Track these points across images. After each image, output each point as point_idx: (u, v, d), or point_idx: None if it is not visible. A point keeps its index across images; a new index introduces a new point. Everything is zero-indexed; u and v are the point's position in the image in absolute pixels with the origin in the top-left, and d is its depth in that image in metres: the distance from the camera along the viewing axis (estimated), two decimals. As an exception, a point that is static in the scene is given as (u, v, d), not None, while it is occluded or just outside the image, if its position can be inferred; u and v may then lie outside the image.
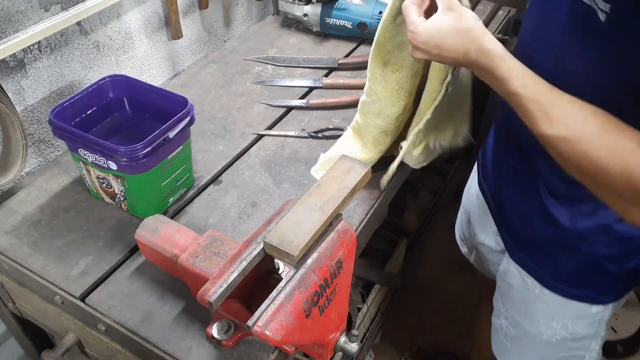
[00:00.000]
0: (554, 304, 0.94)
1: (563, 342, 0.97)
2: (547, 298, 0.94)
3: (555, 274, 0.92)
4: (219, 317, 0.81)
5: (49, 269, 0.91)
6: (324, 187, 0.78)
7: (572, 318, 0.94)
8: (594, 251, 0.86)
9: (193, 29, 1.51)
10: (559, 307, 0.94)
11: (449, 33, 0.72)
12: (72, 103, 0.98)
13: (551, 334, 0.97)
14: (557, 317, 0.95)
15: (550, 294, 0.93)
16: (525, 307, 0.99)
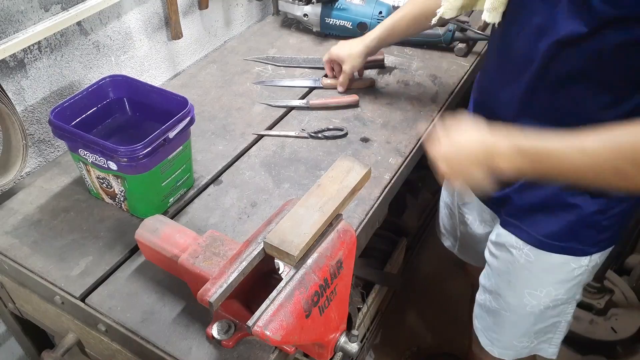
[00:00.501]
0: (539, 270, 0.97)
1: (544, 312, 1.01)
2: (533, 265, 0.97)
3: (544, 232, 0.94)
4: (219, 317, 0.81)
5: (49, 269, 0.91)
6: (324, 187, 0.78)
7: (556, 283, 0.97)
8: (583, 207, 0.89)
9: (193, 29, 1.51)
10: (544, 273, 0.97)
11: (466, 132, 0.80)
12: (72, 103, 0.98)
13: (535, 303, 1.00)
14: (541, 285, 0.98)
15: (536, 259, 0.96)
16: (509, 279, 1.02)
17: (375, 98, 1.33)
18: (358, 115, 1.27)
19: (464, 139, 0.79)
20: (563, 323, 1.06)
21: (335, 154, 1.16)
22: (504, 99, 0.91)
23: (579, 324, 1.83)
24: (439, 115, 1.28)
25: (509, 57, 0.88)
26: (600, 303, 1.83)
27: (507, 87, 0.89)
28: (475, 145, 0.78)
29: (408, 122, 1.25)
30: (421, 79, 1.40)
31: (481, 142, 0.78)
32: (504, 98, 0.91)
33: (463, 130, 0.80)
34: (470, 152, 0.77)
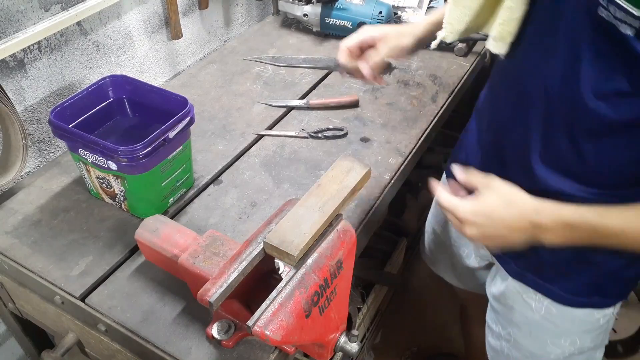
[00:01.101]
0: (562, 321, 0.91)
1: (570, 357, 0.95)
2: (555, 317, 0.91)
3: (567, 288, 0.89)
4: (219, 317, 0.81)
5: (49, 269, 0.91)
6: (324, 187, 0.78)
7: (581, 333, 0.92)
8: (609, 262, 0.84)
9: (193, 29, 1.51)
10: (567, 324, 0.92)
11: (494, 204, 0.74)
12: (72, 103, 0.98)
13: (559, 352, 0.95)
14: (565, 335, 0.93)
15: (558, 312, 0.90)
16: (529, 330, 0.96)
17: (375, 98, 1.33)
18: (358, 115, 1.27)
19: (502, 209, 0.73)
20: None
21: (335, 154, 1.16)
22: (516, 139, 0.82)
23: (579, 324, 1.82)
24: (439, 116, 1.28)
25: (521, 95, 0.78)
26: (601, 303, 1.83)
27: (520, 127, 0.80)
28: (517, 218, 0.72)
29: (408, 122, 1.25)
30: (421, 79, 1.40)
31: (523, 215, 0.72)
32: (516, 138, 0.82)
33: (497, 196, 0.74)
34: (511, 225, 0.72)
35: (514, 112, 0.81)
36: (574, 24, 0.66)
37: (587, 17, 0.63)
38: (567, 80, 0.69)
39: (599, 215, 0.69)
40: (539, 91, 0.74)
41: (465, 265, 1.15)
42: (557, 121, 0.73)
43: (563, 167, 0.76)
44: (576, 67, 0.67)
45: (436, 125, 1.27)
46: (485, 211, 0.74)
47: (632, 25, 0.56)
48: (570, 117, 0.71)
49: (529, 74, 0.76)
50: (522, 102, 0.78)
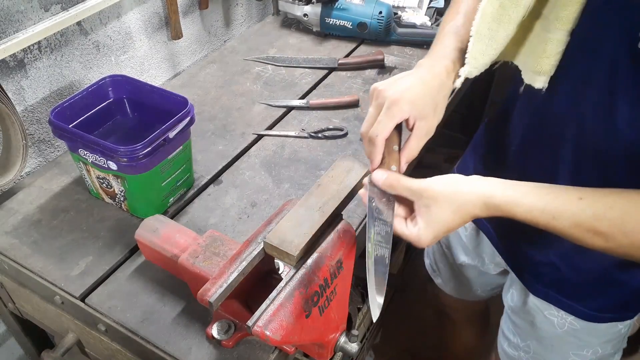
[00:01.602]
0: (585, 335, 0.91)
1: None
2: (578, 332, 0.90)
3: (592, 307, 0.87)
4: (219, 317, 0.81)
5: (49, 269, 0.91)
6: (324, 187, 0.78)
7: (603, 343, 0.92)
8: (634, 279, 0.83)
9: (193, 29, 1.51)
10: (590, 336, 0.91)
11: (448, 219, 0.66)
12: (72, 103, 0.98)
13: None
14: (587, 347, 0.92)
15: (582, 328, 0.90)
16: (551, 344, 0.95)
17: (375, 98, 1.33)
18: (358, 115, 1.27)
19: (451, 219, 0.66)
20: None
21: (335, 154, 1.16)
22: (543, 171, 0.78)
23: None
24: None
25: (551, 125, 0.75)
26: (600, 303, 1.83)
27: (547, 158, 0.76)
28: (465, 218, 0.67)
29: (408, 122, 1.25)
30: (421, 79, 1.40)
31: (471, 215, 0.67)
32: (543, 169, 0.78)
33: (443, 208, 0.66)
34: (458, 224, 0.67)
35: (541, 143, 0.78)
36: (612, 56, 0.64)
37: (626, 49, 0.61)
38: (601, 111, 0.67)
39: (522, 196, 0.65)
40: (570, 124, 0.71)
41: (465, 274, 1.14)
42: (589, 152, 0.71)
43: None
44: (612, 98, 0.65)
45: (436, 125, 1.27)
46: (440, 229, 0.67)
47: None
48: (602, 148, 0.69)
49: (560, 105, 0.73)
50: (552, 133, 0.75)
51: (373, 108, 0.70)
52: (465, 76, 0.74)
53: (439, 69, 0.72)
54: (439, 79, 0.72)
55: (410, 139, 0.72)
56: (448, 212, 0.66)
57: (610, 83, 0.65)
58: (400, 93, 0.68)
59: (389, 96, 0.68)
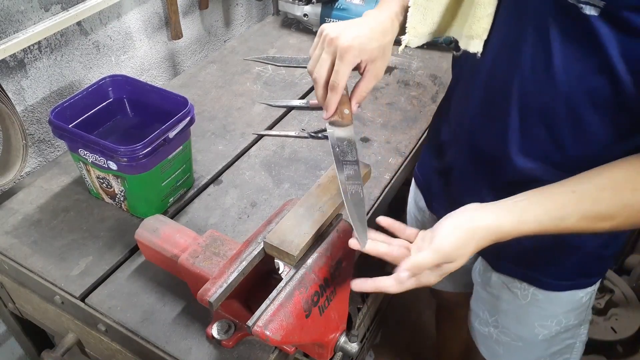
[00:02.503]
0: (548, 305, 0.94)
1: (556, 336, 0.99)
2: (540, 302, 0.93)
3: (550, 274, 0.91)
4: (219, 317, 0.81)
5: (49, 269, 0.91)
6: (324, 187, 0.78)
7: (566, 312, 0.95)
8: (589, 244, 0.87)
9: (193, 29, 1.51)
10: (553, 306, 0.94)
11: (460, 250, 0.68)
12: (72, 103, 0.98)
13: (546, 332, 0.98)
14: (551, 317, 0.96)
15: (544, 297, 0.93)
16: (516, 315, 0.98)
17: (375, 98, 1.33)
18: (358, 115, 1.27)
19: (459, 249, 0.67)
20: (578, 344, 1.03)
21: (335, 154, 1.15)
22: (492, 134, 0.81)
23: (579, 324, 1.83)
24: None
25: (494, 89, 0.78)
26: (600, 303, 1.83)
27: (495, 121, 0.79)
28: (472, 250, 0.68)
29: (408, 122, 1.25)
30: (421, 79, 1.40)
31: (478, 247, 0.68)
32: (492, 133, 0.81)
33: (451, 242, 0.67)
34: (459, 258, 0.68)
35: (488, 107, 0.80)
36: (540, 11, 0.67)
37: (552, 3, 0.64)
38: (539, 68, 0.69)
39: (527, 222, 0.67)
40: (512, 83, 0.73)
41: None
42: (534, 111, 0.73)
43: (542, 155, 0.76)
44: (547, 54, 0.67)
45: (436, 125, 1.27)
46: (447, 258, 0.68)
47: (596, 5, 0.59)
48: (545, 104, 0.71)
49: (499, 68, 0.75)
50: (495, 96, 0.78)
51: (325, 53, 0.73)
52: (405, 44, 0.80)
53: (383, 17, 0.76)
54: (383, 25, 0.76)
55: (361, 82, 0.76)
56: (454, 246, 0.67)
57: (542, 39, 0.67)
58: (351, 40, 0.71)
59: (341, 44, 0.71)
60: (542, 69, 0.69)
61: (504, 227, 0.67)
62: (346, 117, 0.77)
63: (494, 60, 0.76)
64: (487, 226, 0.67)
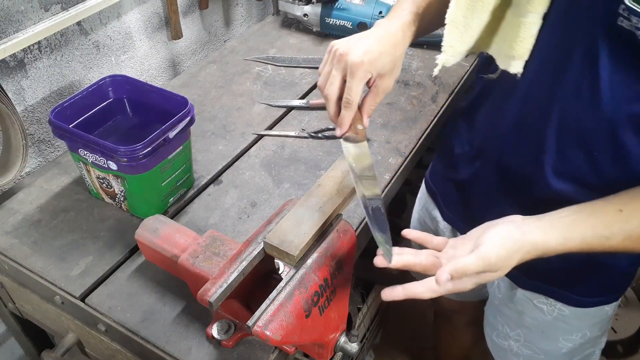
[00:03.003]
0: (574, 320, 0.93)
1: (579, 348, 0.98)
2: (567, 317, 0.93)
3: (579, 292, 0.89)
4: (219, 317, 0.81)
5: (49, 269, 0.91)
6: (324, 187, 0.78)
7: (591, 326, 0.95)
8: (622, 262, 0.86)
9: (193, 29, 1.51)
10: (579, 321, 0.94)
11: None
12: (72, 103, 0.98)
13: (570, 346, 0.97)
14: (577, 330, 0.95)
15: (571, 313, 0.92)
16: (541, 330, 0.97)
17: (375, 98, 1.33)
18: (358, 115, 1.27)
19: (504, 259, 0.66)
20: (597, 352, 1.03)
21: (335, 154, 1.16)
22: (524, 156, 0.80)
23: (579, 324, 1.82)
24: (439, 116, 1.28)
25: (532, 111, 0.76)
26: (601, 303, 1.83)
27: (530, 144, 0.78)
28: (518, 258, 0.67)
29: (408, 122, 1.25)
30: (421, 79, 1.40)
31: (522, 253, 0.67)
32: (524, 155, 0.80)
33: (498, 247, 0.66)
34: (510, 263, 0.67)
35: (522, 127, 0.79)
36: (591, 33, 0.65)
37: (604, 28, 0.63)
38: (584, 93, 0.68)
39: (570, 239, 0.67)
40: (552, 105, 0.72)
41: None
42: (573, 134, 0.72)
43: (577, 177, 0.75)
44: (593, 76, 0.66)
45: (436, 125, 1.27)
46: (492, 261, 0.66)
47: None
48: (585, 126, 0.70)
49: (539, 89, 0.74)
50: (532, 116, 0.76)
51: (335, 70, 0.71)
52: (442, 64, 0.76)
53: (394, 28, 0.74)
54: (394, 37, 0.74)
55: (368, 96, 0.74)
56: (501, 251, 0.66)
57: (590, 62, 0.66)
58: (362, 56, 0.69)
59: (351, 60, 0.69)
60: (588, 94, 0.68)
61: (550, 244, 0.66)
62: (360, 132, 0.74)
63: (533, 80, 0.74)
64: (534, 241, 0.66)
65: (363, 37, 0.72)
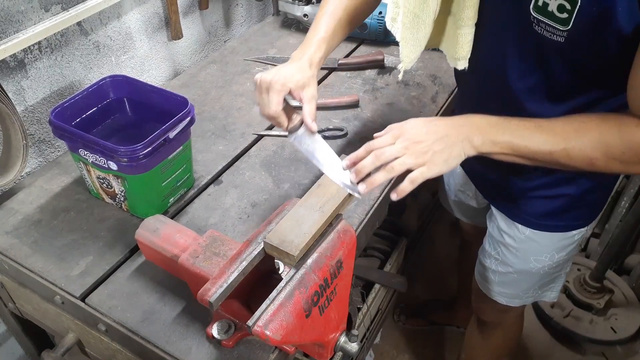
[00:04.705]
0: (542, 241, 1.06)
1: (548, 271, 1.11)
2: (538, 237, 1.05)
3: (543, 215, 1.02)
4: (219, 317, 0.81)
5: (49, 269, 0.91)
6: (324, 187, 0.78)
7: (558, 249, 1.07)
8: (578, 189, 0.97)
9: (193, 29, 1.51)
10: (546, 243, 1.06)
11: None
12: (72, 103, 0.98)
13: (540, 266, 1.10)
14: (545, 252, 1.07)
15: (537, 236, 1.05)
16: (515, 249, 1.10)
17: (375, 98, 1.33)
18: (358, 115, 1.27)
19: (426, 122, 0.78)
20: (563, 275, 1.17)
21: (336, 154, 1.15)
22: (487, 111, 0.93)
23: (579, 324, 1.83)
24: (439, 116, 1.29)
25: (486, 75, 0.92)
26: (600, 303, 1.83)
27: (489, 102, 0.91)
28: (447, 124, 0.78)
29: (408, 122, 1.25)
30: (421, 79, 1.40)
31: (450, 119, 0.79)
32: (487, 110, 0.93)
33: (418, 123, 0.78)
34: (445, 131, 0.77)
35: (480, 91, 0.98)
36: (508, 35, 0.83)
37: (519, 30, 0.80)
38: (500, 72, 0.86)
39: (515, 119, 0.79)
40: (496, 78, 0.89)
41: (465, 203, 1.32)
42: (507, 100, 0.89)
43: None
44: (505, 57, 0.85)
45: (436, 125, 1.27)
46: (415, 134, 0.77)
47: (561, 35, 0.73)
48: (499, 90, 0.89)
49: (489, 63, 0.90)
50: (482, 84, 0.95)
51: (265, 94, 0.86)
52: (403, 70, 0.94)
53: (302, 62, 0.89)
54: (303, 64, 0.89)
55: (303, 105, 0.87)
56: (419, 120, 0.79)
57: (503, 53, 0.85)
58: (275, 75, 0.86)
59: (268, 80, 0.85)
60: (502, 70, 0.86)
61: (491, 119, 0.78)
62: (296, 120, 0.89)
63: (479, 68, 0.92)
64: (473, 119, 0.79)
65: (279, 67, 0.88)
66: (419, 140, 0.75)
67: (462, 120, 0.78)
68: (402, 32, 0.90)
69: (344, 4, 0.95)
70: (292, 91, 0.86)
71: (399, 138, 0.76)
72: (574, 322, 1.83)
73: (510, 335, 1.44)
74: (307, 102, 0.87)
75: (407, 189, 0.78)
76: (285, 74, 0.86)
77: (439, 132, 0.76)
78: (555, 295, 1.21)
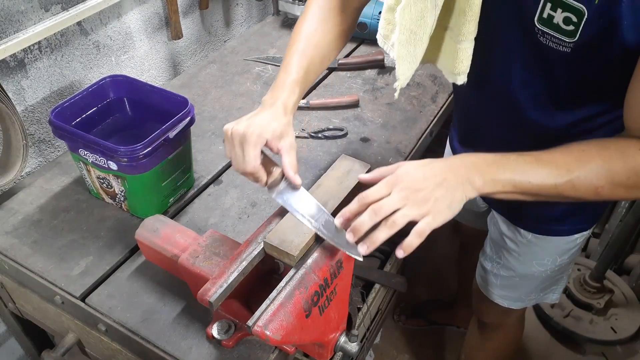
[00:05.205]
0: (546, 244, 1.04)
1: (550, 274, 1.10)
2: (540, 241, 1.04)
3: (545, 220, 1.01)
4: (219, 317, 0.81)
5: (49, 269, 0.91)
6: (324, 187, 0.78)
7: (561, 252, 1.05)
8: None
9: (193, 29, 1.51)
10: (551, 245, 1.04)
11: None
12: (72, 103, 0.98)
13: (542, 270, 1.08)
14: (547, 256, 1.06)
15: (539, 241, 1.03)
16: (518, 253, 1.08)
17: (375, 98, 1.33)
18: (358, 115, 1.27)
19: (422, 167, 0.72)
20: (565, 277, 1.15)
21: (335, 154, 1.16)
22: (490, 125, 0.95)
23: (579, 324, 1.83)
24: (439, 116, 1.29)
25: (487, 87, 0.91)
26: (600, 303, 1.83)
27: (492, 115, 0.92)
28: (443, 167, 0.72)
29: (408, 122, 1.25)
30: (421, 79, 1.40)
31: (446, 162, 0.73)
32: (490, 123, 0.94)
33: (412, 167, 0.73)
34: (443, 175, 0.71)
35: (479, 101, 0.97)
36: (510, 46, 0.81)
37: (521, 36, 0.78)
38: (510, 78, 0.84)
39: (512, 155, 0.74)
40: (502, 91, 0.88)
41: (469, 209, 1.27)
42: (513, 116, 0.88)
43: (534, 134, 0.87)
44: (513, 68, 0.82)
45: (436, 125, 1.27)
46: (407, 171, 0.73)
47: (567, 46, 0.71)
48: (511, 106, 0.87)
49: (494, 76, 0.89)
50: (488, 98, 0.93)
51: (238, 148, 0.77)
52: (399, 88, 0.87)
53: (278, 109, 0.81)
54: (277, 111, 0.81)
55: (283, 157, 0.79)
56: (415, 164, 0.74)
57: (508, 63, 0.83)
58: (247, 127, 0.77)
59: (241, 132, 0.76)
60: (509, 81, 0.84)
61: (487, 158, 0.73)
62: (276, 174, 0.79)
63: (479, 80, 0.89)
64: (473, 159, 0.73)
65: (251, 116, 0.80)
66: (418, 187, 0.70)
67: (458, 161, 0.73)
68: (398, 50, 0.84)
69: (315, 40, 0.88)
70: (268, 142, 0.77)
71: (394, 187, 0.70)
72: (574, 322, 1.83)
73: (511, 336, 1.42)
74: (286, 153, 0.78)
75: (414, 244, 0.72)
76: (259, 123, 0.78)
77: (437, 176, 0.70)
78: (557, 297, 1.20)
